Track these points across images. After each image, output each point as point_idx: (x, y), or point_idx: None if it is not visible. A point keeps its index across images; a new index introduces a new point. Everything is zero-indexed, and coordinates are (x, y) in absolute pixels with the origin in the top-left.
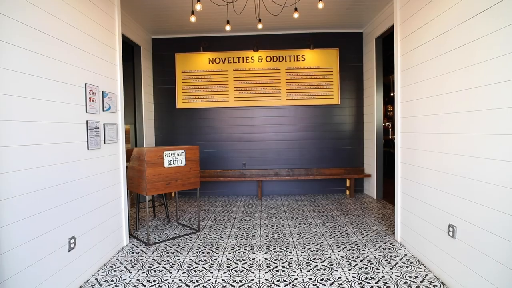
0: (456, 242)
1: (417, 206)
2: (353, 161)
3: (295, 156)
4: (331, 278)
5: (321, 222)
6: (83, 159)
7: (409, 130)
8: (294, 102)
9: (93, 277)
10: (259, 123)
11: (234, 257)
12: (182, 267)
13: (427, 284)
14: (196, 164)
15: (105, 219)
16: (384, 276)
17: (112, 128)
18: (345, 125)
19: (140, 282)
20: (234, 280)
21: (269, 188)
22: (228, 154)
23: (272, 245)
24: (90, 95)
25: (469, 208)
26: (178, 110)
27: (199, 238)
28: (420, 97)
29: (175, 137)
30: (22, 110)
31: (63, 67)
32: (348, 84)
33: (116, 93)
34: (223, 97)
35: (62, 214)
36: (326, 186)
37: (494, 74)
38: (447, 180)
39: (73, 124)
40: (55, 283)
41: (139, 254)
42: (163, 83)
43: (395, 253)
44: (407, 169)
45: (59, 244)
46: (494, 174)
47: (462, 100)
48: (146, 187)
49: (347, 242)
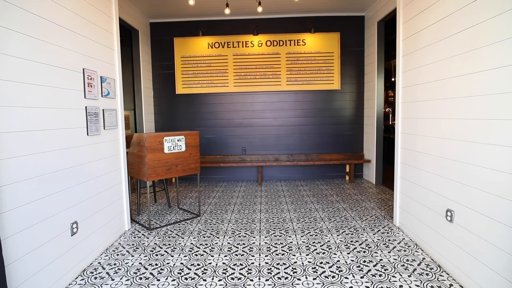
0: (454, 227)
1: (416, 191)
2: (353, 146)
3: (295, 141)
4: (330, 262)
5: (320, 207)
6: (83, 145)
7: (409, 116)
8: (294, 87)
9: (96, 261)
10: (259, 108)
11: (235, 241)
12: (184, 251)
13: (424, 267)
14: (196, 150)
15: (107, 204)
16: (382, 259)
17: (112, 114)
18: (345, 110)
19: (143, 265)
20: (234, 263)
21: (269, 174)
22: (228, 140)
23: (272, 229)
24: (88, 80)
25: (467, 193)
26: (177, 95)
27: (199, 222)
28: (422, 82)
29: (175, 123)
30: (20, 96)
31: (60, 52)
32: (349, 69)
33: (115, 78)
34: (222, 82)
35: (64, 199)
36: (326, 171)
37: (496, 59)
38: (447, 166)
39: (72, 110)
40: (59, 267)
41: (141, 239)
42: (162, 68)
43: (393, 237)
44: (406, 155)
45: (62, 229)
46: (494, 159)
47: (464, 85)
48: (147, 172)
49: (346, 226)
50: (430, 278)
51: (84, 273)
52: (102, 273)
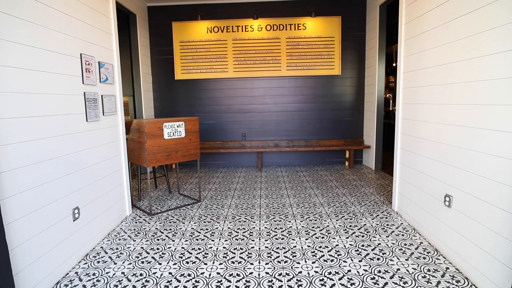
0: (452, 212)
1: (415, 177)
2: (353, 132)
3: (295, 127)
4: (328, 246)
5: (320, 192)
6: (82, 131)
7: (410, 101)
8: (295, 72)
9: (99, 245)
10: (259, 94)
11: (235, 226)
12: (184, 235)
13: (421, 251)
14: (196, 136)
15: (108, 190)
16: (380, 243)
17: (110, 100)
18: (345, 96)
19: (144, 249)
20: (235, 247)
21: (269, 159)
22: (228, 126)
23: (271, 214)
24: (86, 65)
25: (466, 179)
26: (177, 81)
27: (200, 208)
28: (424, 67)
29: (174, 108)
30: (18, 81)
31: (57, 37)
32: (349, 54)
33: (113, 63)
34: (222, 67)
35: (65, 185)
36: (326, 157)
37: (499, 43)
38: (447, 151)
39: (70, 95)
40: (61, 251)
41: (142, 224)
42: (161, 53)
43: (392, 222)
44: (406, 140)
45: (64, 214)
46: (494, 145)
47: (467, 70)
48: (147, 158)
49: (345, 211)
50: (427, 262)
51: (87, 258)
52: (104, 257)
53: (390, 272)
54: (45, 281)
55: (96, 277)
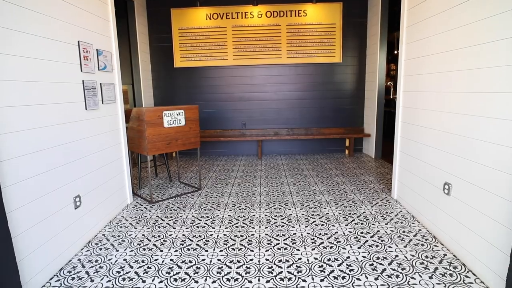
0: (451, 199)
1: (415, 165)
2: (353, 121)
3: (295, 115)
4: (328, 233)
5: (320, 180)
6: (82, 120)
7: (411, 89)
8: (295, 60)
9: (100, 233)
10: (259, 82)
11: (235, 214)
12: (185, 223)
13: (419, 238)
14: (196, 124)
15: (108, 178)
16: (379, 231)
17: (109, 88)
18: (346, 84)
19: (146, 237)
20: (235, 235)
21: (269, 148)
22: (228, 114)
23: (271, 202)
24: (84, 53)
25: (466, 167)
26: (176, 69)
27: (200, 196)
28: (426, 54)
29: (174, 97)
30: (17, 69)
31: (54, 23)
32: (351, 41)
33: (111, 51)
34: (222, 55)
35: (66, 174)
36: (326, 145)
37: (502, 30)
38: (447, 139)
39: (69, 84)
40: (64, 239)
41: (143, 212)
42: (160, 41)
43: (391, 209)
44: (407, 129)
45: (65, 202)
46: (495, 133)
47: (468, 57)
48: (147, 147)
49: (344, 199)
50: (425, 248)
51: (89, 245)
52: (106, 244)
53: (388, 258)
54: (49, 268)
55: (98, 263)
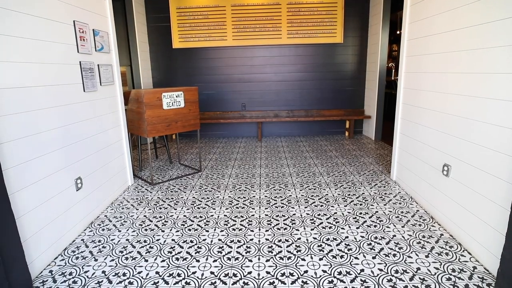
0: (449, 181)
1: (415, 147)
2: (354, 102)
3: (295, 97)
4: (327, 214)
5: (319, 162)
6: (80, 102)
7: (413, 70)
8: (295, 40)
9: (103, 214)
10: (258, 63)
11: (235, 195)
12: (186, 204)
13: (417, 218)
14: (195, 106)
15: (109, 161)
16: (377, 211)
17: (107, 70)
18: (347, 65)
19: (147, 218)
20: (235, 215)
21: (268, 130)
22: (228, 96)
23: (271, 183)
24: (80, 33)
25: (466, 148)
26: (174, 50)
27: (201, 177)
28: (430, 34)
29: (173, 78)
30: (12, 50)
31: (47, 1)
32: (352, 21)
33: (108, 31)
34: (221, 35)
35: (66, 156)
36: (326, 127)
37: (507, 9)
38: (448, 121)
39: (66, 65)
40: (67, 220)
41: (144, 193)
42: (157, 20)
43: (390, 191)
44: (408, 110)
45: (66, 184)
46: (495, 114)
47: (472, 37)
48: (147, 129)
49: (344, 180)
50: (422, 229)
51: (92, 225)
52: (109, 225)
53: (386, 238)
54: (53, 248)
55: (101, 243)
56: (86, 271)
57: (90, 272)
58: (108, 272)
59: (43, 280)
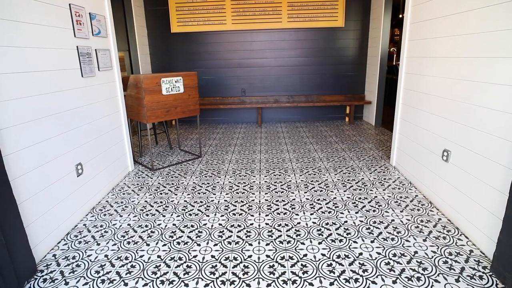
0: (449, 166)
1: (415, 132)
2: (355, 88)
3: (295, 82)
4: (326, 199)
5: (319, 147)
6: (79, 87)
7: (415, 55)
8: (296, 24)
9: (104, 199)
10: (258, 48)
11: (236, 180)
12: (187, 189)
13: (416, 203)
14: (195, 91)
15: (109, 146)
16: (376, 196)
17: (105, 55)
18: (348, 50)
19: (148, 203)
20: (236, 200)
21: (269, 115)
22: (227, 81)
23: (271, 169)
24: (76, 17)
25: (466, 134)
26: (173, 34)
27: (201, 163)
28: (432, 17)
29: (172, 63)
30: (9, 34)
31: None
32: (354, 4)
33: (105, 15)
34: (220, 19)
35: (66, 142)
36: (326, 113)
37: None
38: (448, 106)
39: (63, 50)
40: (69, 205)
41: (145, 179)
42: (155, 3)
43: (389, 176)
44: (409, 95)
45: (67, 170)
46: (499, 99)
47: (477, 20)
48: (146, 115)
49: (343, 166)
50: (420, 213)
51: (94, 211)
52: (110, 210)
53: (384, 222)
54: (56, 232)
55: (103, 228)
56: (89, 255)
57: (93, 256)
58: (110, 256)
59: (47, 264)
